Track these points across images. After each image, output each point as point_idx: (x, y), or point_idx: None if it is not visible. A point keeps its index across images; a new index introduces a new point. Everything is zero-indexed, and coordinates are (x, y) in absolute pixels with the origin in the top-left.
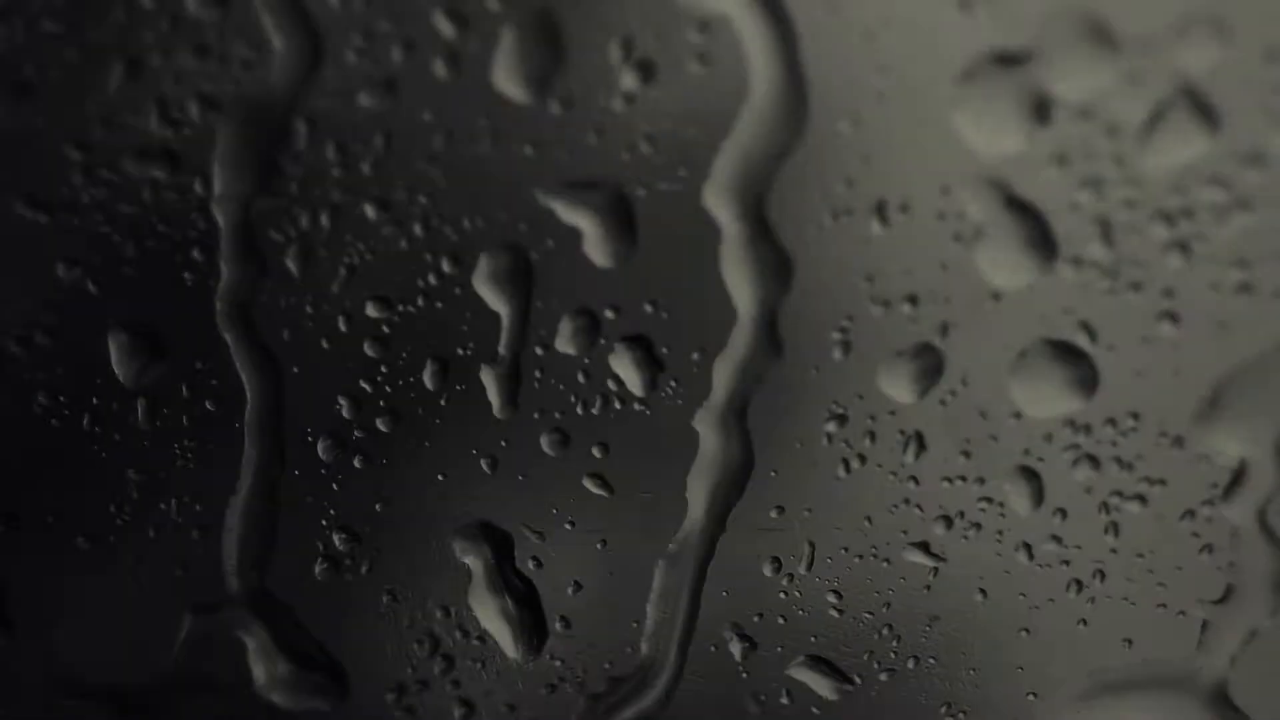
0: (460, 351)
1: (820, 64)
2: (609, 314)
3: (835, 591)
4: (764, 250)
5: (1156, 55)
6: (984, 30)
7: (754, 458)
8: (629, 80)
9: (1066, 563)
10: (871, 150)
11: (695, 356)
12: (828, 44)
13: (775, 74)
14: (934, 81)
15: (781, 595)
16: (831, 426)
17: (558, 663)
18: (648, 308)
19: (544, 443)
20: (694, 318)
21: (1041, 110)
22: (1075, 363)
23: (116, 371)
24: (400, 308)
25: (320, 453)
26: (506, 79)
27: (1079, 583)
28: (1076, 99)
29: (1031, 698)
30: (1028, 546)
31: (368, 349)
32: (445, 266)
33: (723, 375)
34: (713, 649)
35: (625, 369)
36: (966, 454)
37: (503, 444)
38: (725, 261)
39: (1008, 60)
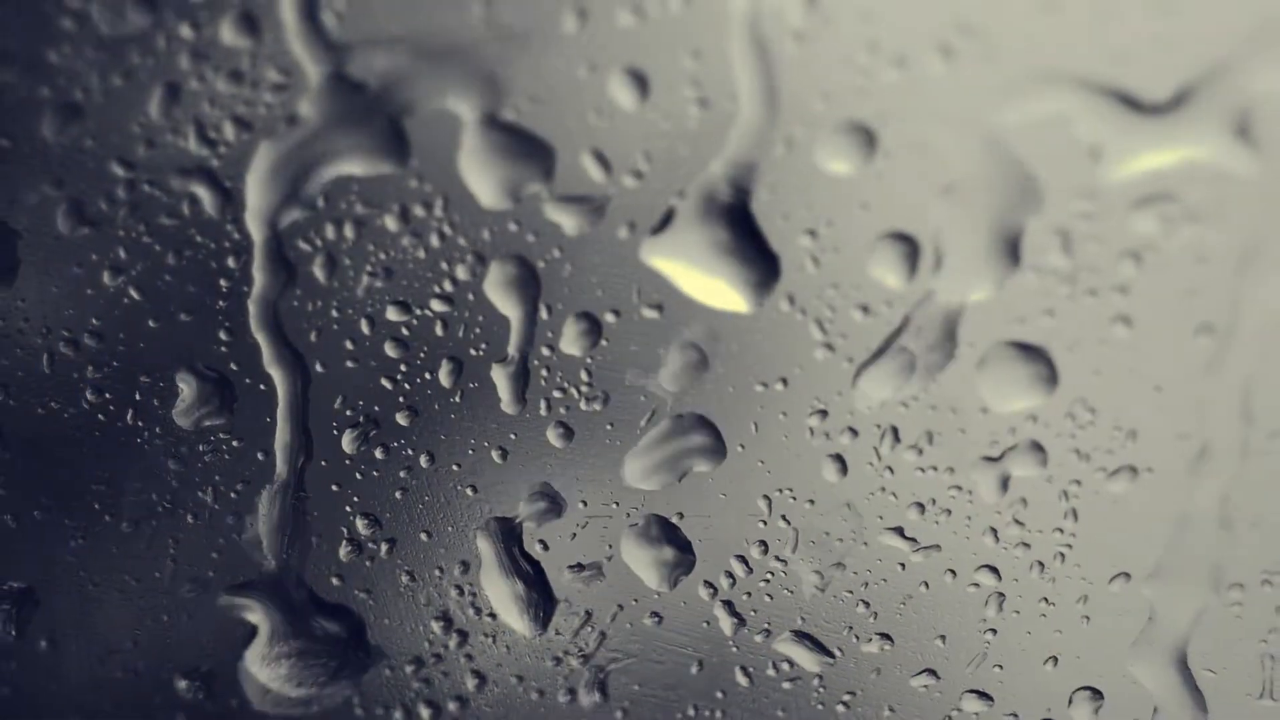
0: (473, 352)
1: (803, 86)
2: (609, 318)
3: (818, 572)
4: (752, 258)
5: (1110, 83)
6: (957, 57)
7: (744, 449)
8: (628, 102)
9: (1029, 545)
10: (851, 166)
11: (691, 357)
12: (811, 68)
13: (761, 96)
14: (909, 103)
15: (769, 575)
16: (814, 421)
17: (563, 637)
18: (646, 311)
19: (550, 436)
20: (689, 320)
21: (1007, 131)
22: (1037, 362)
23: (158, 370)
24: (418, 311)
25: (344, 445)
26: (516, 102)
27: (1041, 564)
28: (1039, 121)
29: (998, 669)
30: (994, 531)
31: (388, 349)
32: (459, 274)
33: (715, 373)
34: (705, 625)
35: (624, 368)
36: (937, 446)
37: (512, 437)
38: (717, 268)
39: (978, 85)
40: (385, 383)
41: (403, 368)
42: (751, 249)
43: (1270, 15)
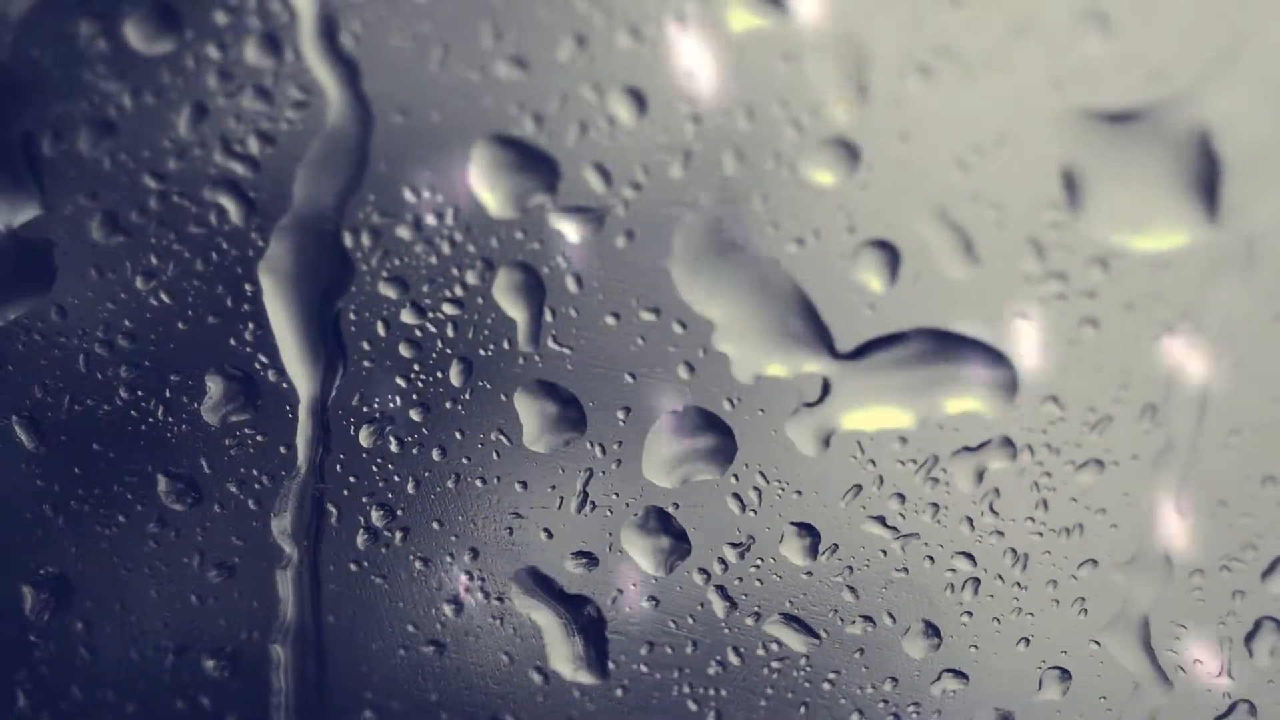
0: (482, 352)
1: (792, 103)
2: (610, 320)
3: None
4: (743, 265)
5: (1080, 100)
6: (935, 77)
7: (737, 444)
8: (627, 118)
9: (1002, 533)
10: (836, 177)
11: (684, 360)
12: (799, 86)
13: (750, 114)
14: (890, 119)
15: (759, 562)
16: (802, 416)
17: (563, 620)
18: (645, 315)
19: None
20: (684, 323)
21: (976, 153)
22: (1010, 361)
23: (187, 369)
24: (431, 314)
25: (361, 439)
26: (522, 121)
27: (1014, 550)
28: (1012, 135)
29: (973, 649)
30: (969, 520)
31: (403, 350)
32: (469, 279)
33: (707, 373)
34: (699, 607)
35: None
36: (916, 439)
37: (518, 431)
38: (710, 275)
39: (955, 102)
40: (400, 381)
41: (416, 367)
42: (743, 257)
43: (1235, 36)
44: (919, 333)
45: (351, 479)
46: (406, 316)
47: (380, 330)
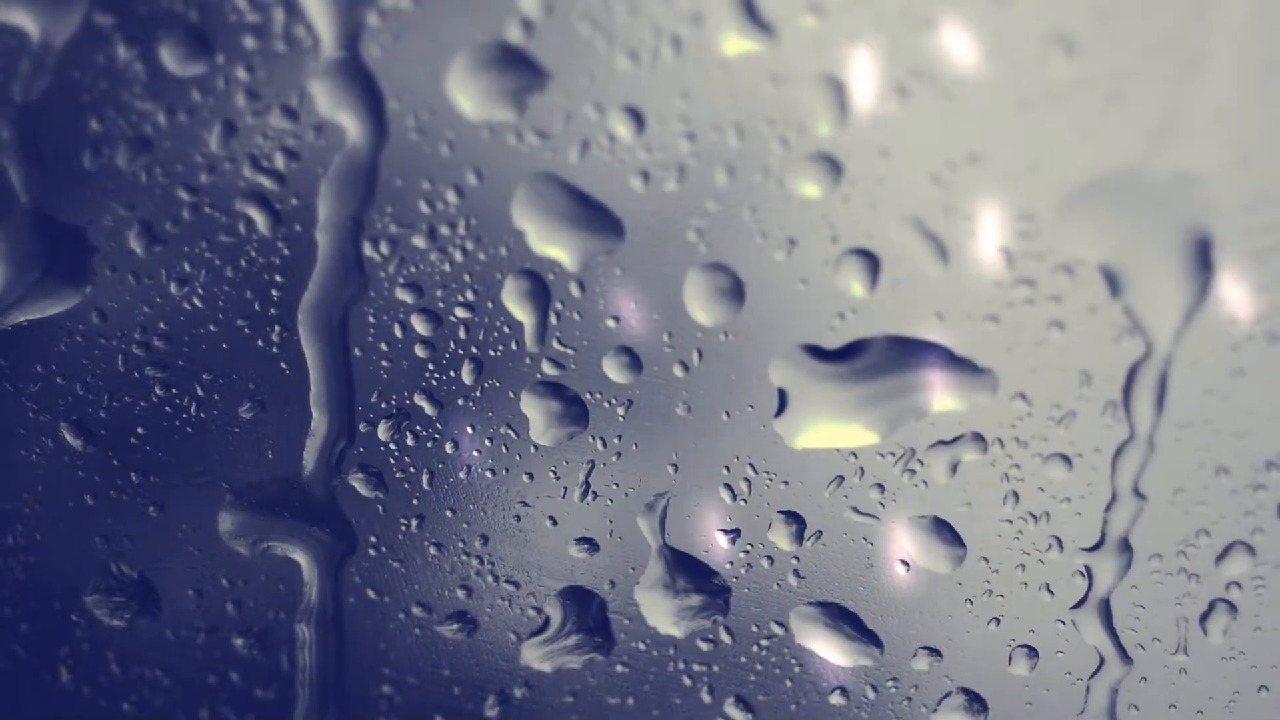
0: (491, 353)
1: (779, 121)
2: (610, 323)
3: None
4: (730, 274)
5: (1050, 114)
6: (911, 97)
7: (728, 440)
8: (626, 134)
9: (975, 521)
10: (820, 190)
11: (680, 360)
12: (786, 105)
13: (740, 132)
14: (871, 135)
15: (748, 548)
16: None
17: (568, 602)
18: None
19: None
20: (677, 326)
21: (949, 168)
22: (981, 362)
23: (217, 369)
24: (444, 318)
25: (380, 433)
26: (528, 137)
27: (985, 537)
28: (983, 150)
29: (948, 628)
30: (945, 509)
31: (418, 350)
32: (480, 285)
33: (701, 372)
34: None
35: (618, 370)
36: (895, 434)
37: (525, 425)
38: (702, 280)
39: (930, 119)
40: (416, 379)
41: (430, 366)
42: (730, 267)
43: (1192, 56)
44: (894, 338)
45: (370, 471)
46: (421, 319)
47: (397, 332)
